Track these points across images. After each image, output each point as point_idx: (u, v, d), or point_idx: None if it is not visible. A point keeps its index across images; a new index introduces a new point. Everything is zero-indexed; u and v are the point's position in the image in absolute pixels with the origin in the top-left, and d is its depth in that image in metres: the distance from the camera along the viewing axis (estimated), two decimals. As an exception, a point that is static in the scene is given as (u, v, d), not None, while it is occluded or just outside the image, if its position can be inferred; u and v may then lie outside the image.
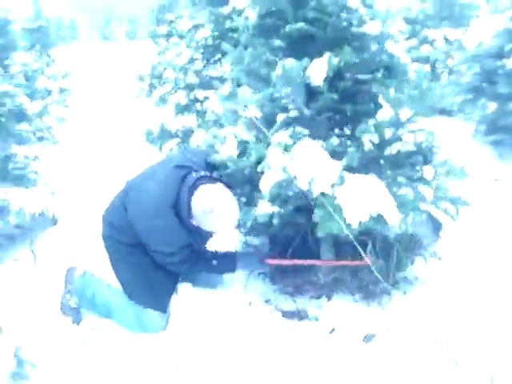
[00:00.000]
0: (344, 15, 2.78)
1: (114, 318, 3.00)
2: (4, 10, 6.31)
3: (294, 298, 3.09)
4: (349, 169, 2.62)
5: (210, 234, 2.99)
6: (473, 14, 7.01)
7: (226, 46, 3.15)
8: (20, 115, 5.24)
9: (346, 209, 2.49)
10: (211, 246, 3.04)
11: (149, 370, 2.64)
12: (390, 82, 2.79)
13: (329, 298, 3.05)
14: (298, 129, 2.73)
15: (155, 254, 2.85)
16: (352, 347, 2.70)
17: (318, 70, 2.62)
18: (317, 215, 2.57)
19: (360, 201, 2.49)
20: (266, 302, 3.10)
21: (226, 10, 4.22)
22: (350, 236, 2.57)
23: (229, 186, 2.84)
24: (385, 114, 2.70)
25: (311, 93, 2.76)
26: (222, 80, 4.53)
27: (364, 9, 2.82)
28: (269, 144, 2.75)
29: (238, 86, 3.27)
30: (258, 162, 2.73)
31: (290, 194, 2.68)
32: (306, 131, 2.75)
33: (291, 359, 2.64)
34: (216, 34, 4.45)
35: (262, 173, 2.68)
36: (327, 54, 2.64)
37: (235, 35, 3.24)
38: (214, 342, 2.79)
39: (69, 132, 7.20)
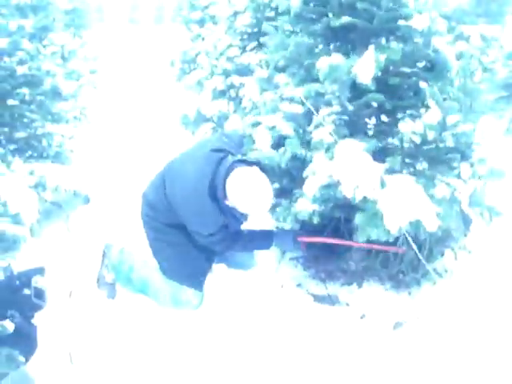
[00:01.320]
0: (391, 6, 2.78)
1: (149, 295, 3.08)
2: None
3: (325, 283, 3.15)
4: (390, 171, 2.66)
5: (244, 217, 3.05)
6: (509, 11, 6.96)
7: (268, 27, 3.16)
8: (57, 95, 5.35)
9: (387, 214, 2.50)
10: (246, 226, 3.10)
11: (183, 346, 2.72)
12: (435, 78, 2.80)
13: (359, 286, 3.11)
14: (340, 126, 2.76)
15: (195, 234, 2.92)
16: (381, 334, 2.76)
17: (365, 69, 2.62)
18: (358, 220, 2.59)
19: (400, 206, 2.50)
20: (298, 285, 3.18)
21: (266, -1, 4.28)
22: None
23: (264, 171, 2.88)
24: (432, 117, 2.69)
25: (356, 90, 2.78)
26: (258, 67, 4.58)
27: (413, 2, 2.82)
28: (309, 140, 2.79)
29: (277, 71, 3.29)
30: (293, 157, 2.79)
31: (333, 194, 2.69)
32: (347, 131, 2.78)
33: (321, 342, 2.71)
34: (255, 21, 4.50)
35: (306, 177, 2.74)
36: (371, 49, 2.65)
37: (274, 23, 3.25)
38: (246, 321, 2.87)
39: (100, 113, 7.31)
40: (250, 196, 2.72)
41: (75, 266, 3.44)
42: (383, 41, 2.86)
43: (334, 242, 3.02)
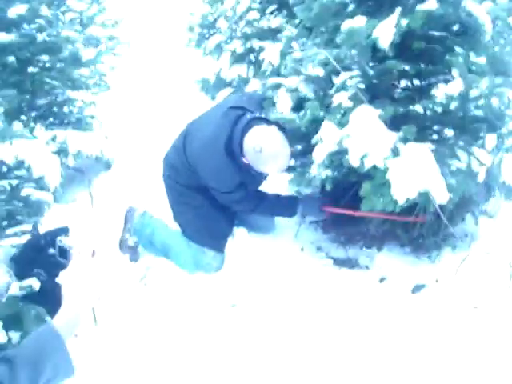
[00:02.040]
0: None
1: (171, 257, 3.14)
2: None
3: (345, 247, 3.17)
4: (404, 140, 2.61)
5: (262, 176, 3.05)
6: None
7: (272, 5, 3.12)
8: (77, 61, 5.35)
9: (395, 184, 2.47)
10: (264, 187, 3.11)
11: (205, 308, 2.78)
12: (467, 44, 2.71)
13: (379, 249, 3.12)
14: (361, 91, 2.71)
15: (215, 192, 2.95)
16: (401, 297, 2.78)
17: (385, 33, 2.52)
18: (364, 189, 2.57)
19: (410, 176, 2.46)
20: (318, 249, 3.20)
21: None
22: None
23: (283, 130, 2.87)
24: (454, 88, 2.58)
25: (377, 54, 2.71)
26: (277, 32, 4.52)
27: None
28: (329, 104, 2.76)
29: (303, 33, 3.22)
30: (313, 121, 2.77)
31: (344, 160, 2.67)
32: (367, 95, 2.72)
33: (341, 305, 2.74)
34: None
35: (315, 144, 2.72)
36: (397, 11, 2.58)
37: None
38: (267, 284, 2.91)
39: (120, 79, 7.28)
40: (267, 155, 2.73)
41: (98, 230, 3.50)
42: (413, 1, 2.76)
43: (356, 214, 3.03)
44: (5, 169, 2.62)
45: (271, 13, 4.75)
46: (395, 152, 2.52)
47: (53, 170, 2.91)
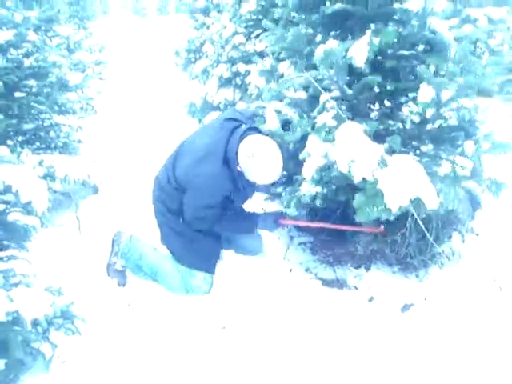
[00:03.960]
0: None
1: (159, 281, 3.12)
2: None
3: (333, 267, 3.18)
4: (390, 151, 2.67)
5: (251, 189, 3.06)
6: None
7: (267, 23, 3.21)
8: (63, 86, 5.38)
9: (387, 193, 2.52)
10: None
11: (194, 330, 2.76)
12: (431, 58, 2.81)
13: (367, 269, 3.14)
14: (341, 111, 2.77)
15: (189, 205, 2.95)
16: (390, 316, 2.79)
17: (359, 52, 2.64)
18: (356, 201, 2.61)
19: (400, 185, 2.51)
20: (306, 270, 3.21)
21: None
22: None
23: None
24: (425, 95, 2.71)
25: (353, 74, 2.80)
26: (262, 55, 4.59)
27: None
28: (314, 124, 2.82)
29: (279, 60, 3.33)
30: (302, 138, 2.81)
31: (333, 175, 2.73)
32: (349, 114, 2.79)
33: (330, 326, 2.74)
34: (260, 8, 4.50)
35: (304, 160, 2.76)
36: (368, 33, 2.67)
37: (278, 10, 3.28)
38: (256, 306, 2.90)
39: (106, 104, 7.33)
40: (259, 161, 2.77)
41: (85, 255, 3.48)
42: (380, 26, 2.86)
43: (317, 226, 3.07)
44: (-9, 194, 2.60)
45: (256, 36, 4.82)
46: (383, 163, 2.57)
47: (40, 195, 2.89)
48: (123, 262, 3.23)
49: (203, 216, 2.94)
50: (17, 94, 4.29)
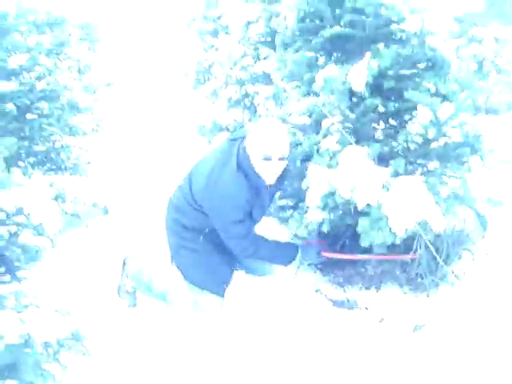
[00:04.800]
0: (383, 12, 2.83)
1: (169, 302, 3.12)
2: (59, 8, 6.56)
3: (343, 288, 3.17)
4: (395, 174, 2.68)
5: (266, 195, 3.00)
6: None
7: (265, 50, 3.28)
8: (74, 108, 5.46)
9: (392, 217, 2.52)
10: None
11: (202, 351, 2.76)
12: (430, 77, 2.83)
13: (378, 289, 3.12)
14: (345, 135, 2.79)
15: (221, 227, 2.93)
16: (401, 337, 2.78)
17: (358, 77, 2.68)
18: (361, 225, 2.62)
19: (405, 208, 2.52)
20: (316, 291, 3.19)
21: (278, 7, 4.32)
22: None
23: None
24: (423, 117, 2.72)
25: (355, 97, 2.82)
26: (270, 76, 4.63)
27: (402, 5, 2.86)
28: (318, 149, 2.84)
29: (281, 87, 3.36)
30: (308, 154, 2.83)
31: (338, 201, 2.73)
32: (352, 137, 2.81)
33: (341, 347, 2.72)
34: (268, 30, 4.56)
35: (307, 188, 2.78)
36: (367, 57, 2.70)
37: (279, 35, 3.33)
38: (266, 326, 2.89)
39: (117, 124, 7.40)
40: (267, 128, 2.78)
41: (96, 276, 3.50)
42: (381, 46, 2.88)
43: (354, 258, 3.06)
44: (4, 216, 2.63)
45: (265, 58, 4.87)
46: (387, 187, 2.58)
47: (52, 217, 2.93)
48: (134, 283, 3.24)
49: (238, 234, 2.91)
50: (28, 116, 4.36)
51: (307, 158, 2.94)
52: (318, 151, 2.86)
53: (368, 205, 2.57)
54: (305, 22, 3.01)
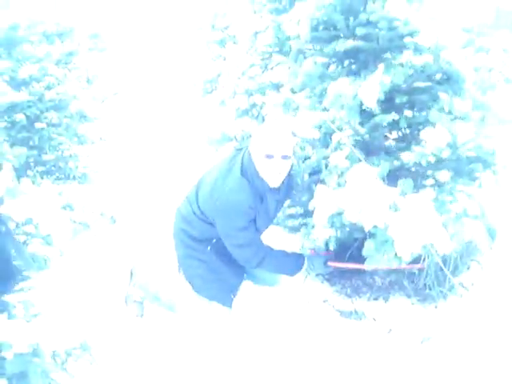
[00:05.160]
0: (397, 24, 2.82)
1: (177, 311, 3.13)
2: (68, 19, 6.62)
3: (351, 298, 3.17)
4: (403, 194, 2.64)
5: (274, 204, 3.00)
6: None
7: (279, 57, 3.26)
8: (82, 117, 5.48)
9: (398, 240, 2.49)
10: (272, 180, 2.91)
11: (207, 361, 2.76)
12: (450, 90, 2.82)
13: (386, 300, 3.12)
14: (355, 149, 2.78)
15: (227, 237, 2.93)
16: (409, 348, 2.76)
17: (369, 93, 2.64)
18: (366, 248, 2.61)
19: (412, 231, 2.48)
20: (324, 302, 3.19)
21: (286, 17, 4.34)
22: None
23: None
24: (441, 139, 2.68)
25: (365, 112, 2.80)
26: (278, 86, 4.65)
27: (416, 19, 2.84)
28: (326, 164, 2.83)
29: (294, 92, 3.36)
30: (316, 169, 2.85)
31: (345, 223, 2.72)
32: (362, 154, 2.79)
33: (349, 358, 2.72)
34: (276, 41, 4.58)
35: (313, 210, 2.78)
36: (380, 70, 2.68)
37: (291, 42, 3.33)
38: (273, 338, 2.89)
39: (124, 134, 7.43)
40: (269, 125, 2.77)
41: (103, 285, 3.50)
42: (394, 60, 2.88)
43: (361, 267, 3.04)
44: (13, 225, 2.65)
45: (272, 68, 4.90)
46: (395, 207, 2.55)
47: (61, 226, 2.94)
48: (142, 293, 3.25)
49: (243, 241, 2.88)
50: (38, 126, 4.40)
51: (315, 173, 2.93)
52: (326, 166, 2.85)
53: (375, 226, 2.56)
54: (318, 30, 2.99)
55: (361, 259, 3.02)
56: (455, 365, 2.58)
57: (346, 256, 3.12)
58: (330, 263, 3.06)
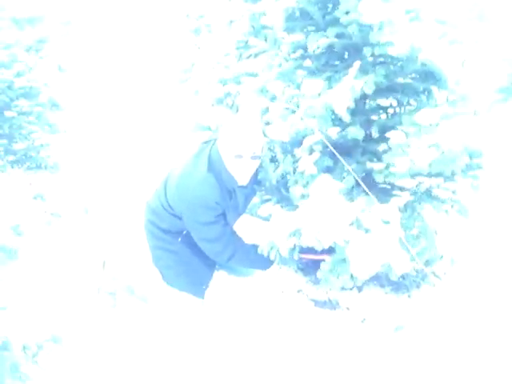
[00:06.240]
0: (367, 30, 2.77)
1: (150, 302, 3.10)
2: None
3: (325, 288, 3.17)
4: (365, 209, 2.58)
5: (242, 198, 2.96)
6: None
7: (256, 41, 3.18)
8: (54, 106, 5.39)
9: (354, 262, 2.44)
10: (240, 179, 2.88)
11: (182, 351, 2.75)
12: (432, 86, 2.80)
13: (360, 290, 3.13)
14: (324, 155, 2.74)
15: (196, 232, 2.90)
16: (382, 337, 2.78)
17: (340, 99, 2.57)
18: (321, 270, 2.60)
19: (370, 251, 2.43)
20: (298, 291, 3.19)
21: (261, 6, 4.29)
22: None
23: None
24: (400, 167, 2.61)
25: (336, 119, 2.72)
26: (253, 76, 4.61)
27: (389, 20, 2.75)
28: (295, 169, 2.79)
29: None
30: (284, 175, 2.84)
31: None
32: (330, 161, 2.75)
33: (323, 347, 2.73)
34: (251, 30, 4.52)
35: None
36: (352, 74, 2.62)
37: (269, 31, 3.29)
38: (248, 328, 2.89)
39: (97, 122, 7.33)
40: (239, 123, 2.76)
41: (75, 276, 3.45)
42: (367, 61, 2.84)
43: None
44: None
45: (248, 57, 4.85)
46: (357, 224, 2.50)
47: (32, 216, 2.90)
48: (114, 283, 3.21)
49: (210, 236, 2.85)
50: (7, 114, 4.31)
51: (283, 176, 2.89)
52: (294, 171, 2.81)
53: (334, 244, 2.51)
54: (293, 20, 2.94)
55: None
56: (428, 353, 2.60)
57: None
58: (302, 255, 3.04)
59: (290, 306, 3.05)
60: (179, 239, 2.99)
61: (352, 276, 2.51)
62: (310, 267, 3.29)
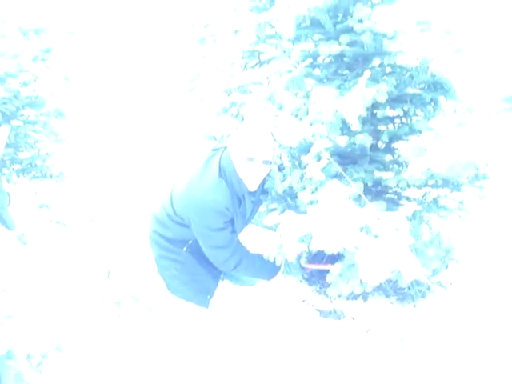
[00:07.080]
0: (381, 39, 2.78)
1: (155, 312, 3.09)
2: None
3: (330, 298, 3.16)
4: (375, 214, 2.56)
5: (251, 205, 2.95)
6: None
7: (267, 47, 3.19)
8: (60, 115, 5.41)
9: (363, 267, 2.41)
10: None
11: (186, 361, 2.73)
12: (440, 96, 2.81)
13: (365, 300, 3.12)
14: (332, 163, 2.73)
15: (203, 239, 2.88)
16: (387, 347, 2.77)
17: (352, 108, 2.58)
18: (330, 274, 2.59)
19: (379, 257, 2.40)
20: (303, 301, 3.18)
21: (267, 16, 4.31)
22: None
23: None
24: (415, 170, 2.61)
25: (346, 127, 2.75)
26: (259, 85, 4.62)
27: (401, 29, 2.77)
28: (302, 175, 2.78)
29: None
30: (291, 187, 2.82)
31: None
32: (340, 167, 2.75)
33: (328, 357, 2.71)
34: (256, 39, 4.54)
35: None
36: (362, 84, 2.63)
37: (274, 41, 3.31)
38: (252, 337, 2.87)
39: (103, 132, 7.35)
40: (250, 127, 2.75)
41: (80, 285, 3.45)
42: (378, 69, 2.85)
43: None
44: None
45: (253, 67, 4.86)
46: (366, 230, 2.49)
47: (37, 225, 2.90)
48: (119, 293, 3.20)
49: (218, 243, 2.83)
50: (13, 123, 4.33)
51: (290, 187, 2.88)
52: (302, 178, 2.80)
53: (343, 252, 2.50)
54: (303, 28, 2.95)
55: (338, 258, 3.02)
56: (434, 364, 2.59)
57: (323, 256, 3.10)
58: (306, 265, 3.03)
59: (295, 315, 3.04)
60: (184, 249, 2.98)
61: (361, 282, 2.50)
62: (314, 277, 3.28)
